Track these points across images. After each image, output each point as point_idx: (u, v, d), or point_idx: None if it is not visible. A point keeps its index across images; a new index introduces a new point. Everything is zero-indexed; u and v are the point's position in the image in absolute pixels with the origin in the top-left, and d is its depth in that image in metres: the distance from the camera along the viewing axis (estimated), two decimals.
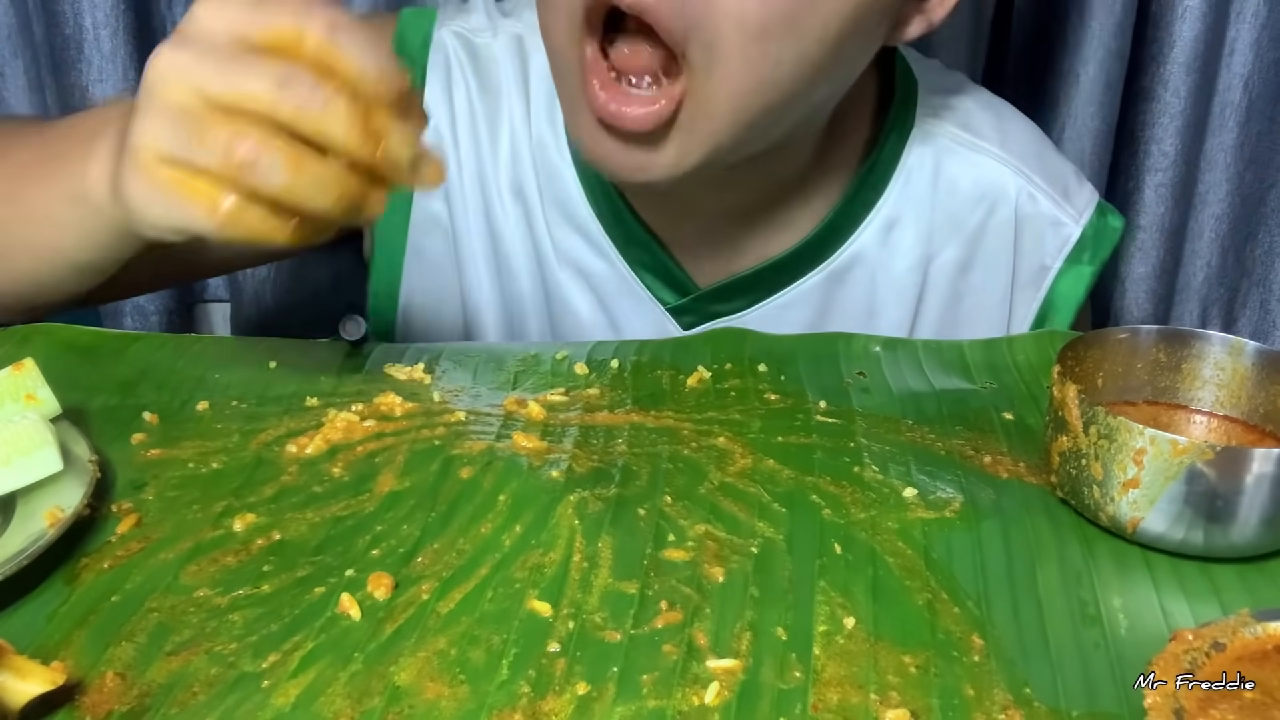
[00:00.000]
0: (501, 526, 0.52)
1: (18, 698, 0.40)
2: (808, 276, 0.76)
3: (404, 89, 0.50)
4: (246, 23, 0.50)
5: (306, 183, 0.49)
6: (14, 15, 1.05)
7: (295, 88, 0.48)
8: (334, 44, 0.49)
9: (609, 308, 0.78)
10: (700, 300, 0.76)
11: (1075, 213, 0.76)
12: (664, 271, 0.76)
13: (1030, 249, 0.76)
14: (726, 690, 0.43)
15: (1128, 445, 0.51)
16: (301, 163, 0.48)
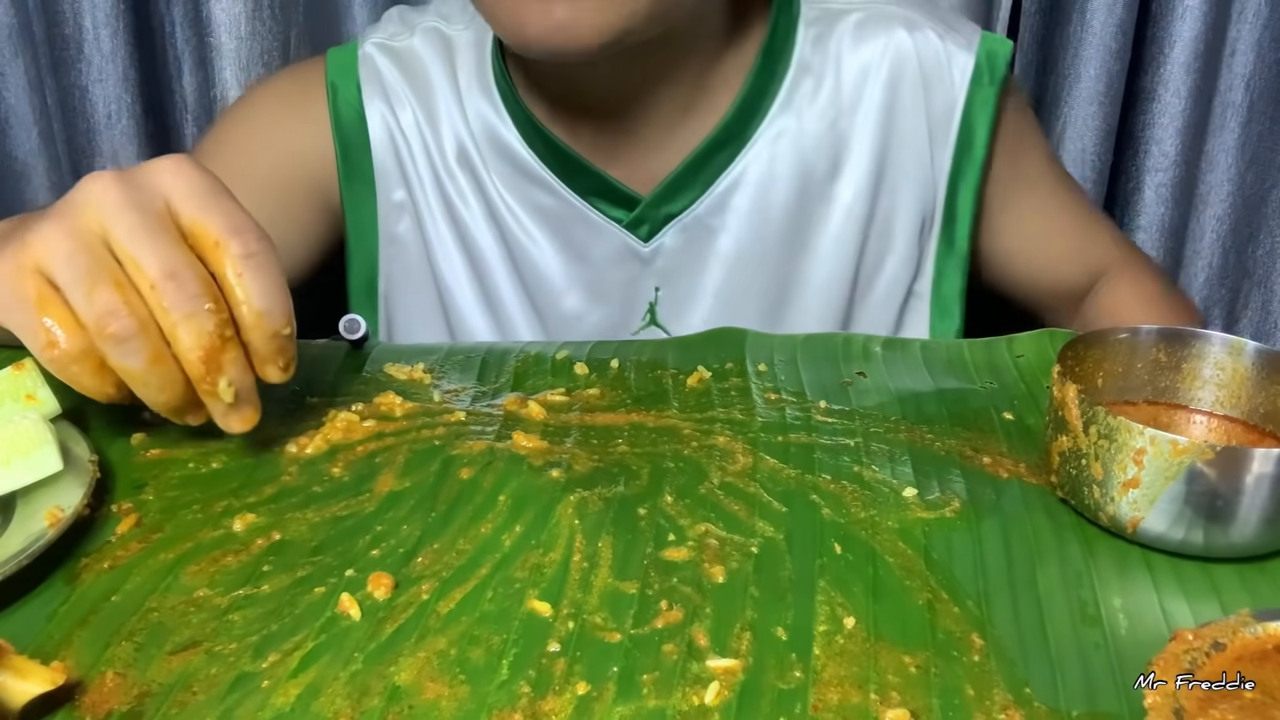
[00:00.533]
0: (501, 526, 0.52)
1: (18, 698, 0.40)
2: (739, 159, 0.80)
3: (278, 336, 0.53)
4: (185, 202, 0.52)
5: (153, 378, 0.52)
6: (14, 15, 1.05)
7: (176, 285, 0.50)
8: (243, 268, 0.52)
9: (569, 241, 0.82)
10: (649, 207, 0.81)
11: (966, 43, 0.82)
12: (609, 191, 0.81)
13: (934, 84, 0.81)
14: (726, 690, 0.43)
15: (1128, 445, 0.50)
16: (159, 359, 0.51)
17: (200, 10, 0.98)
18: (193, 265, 0.51)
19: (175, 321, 0.51)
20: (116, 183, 0.52)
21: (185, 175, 0.53)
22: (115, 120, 1.02)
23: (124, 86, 1.02)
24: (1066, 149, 1.09)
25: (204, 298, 0.51)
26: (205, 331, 0.51)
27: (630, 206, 0.81)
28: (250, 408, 0.55)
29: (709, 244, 0.82)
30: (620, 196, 0.81)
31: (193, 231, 0.52)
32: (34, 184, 1.12)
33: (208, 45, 0.99)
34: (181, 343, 0.51)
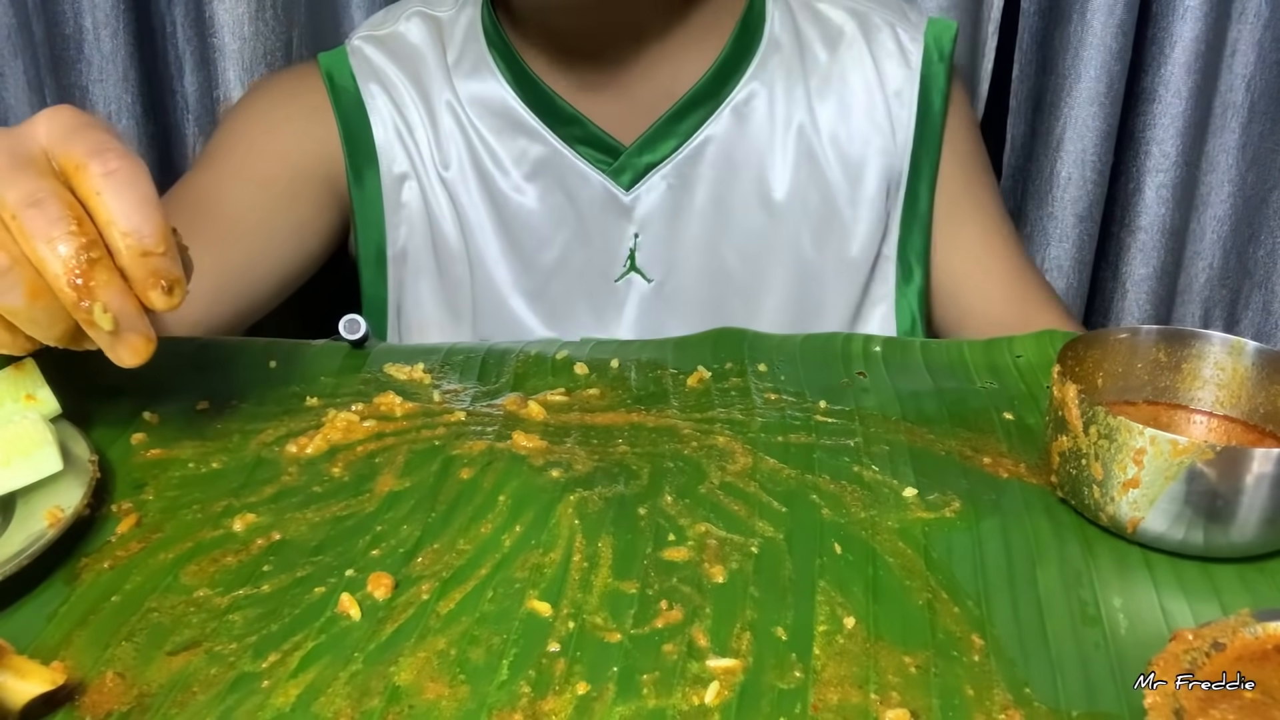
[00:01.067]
0: (501, 526, 0.52)
1: (18, 698, 0.40)
2: (714, 115, 0.87)
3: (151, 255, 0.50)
4: (55, 140, 0.51)
5: (38, 313, 0.50)
6: (13, 15, 1.05)
7: (38, 211, 0.49)
8: (102, 186, 0.50)
9: (556, 186, 0.87)
10: (631, 156, 0.86)
11: (913, 26, 0.89)
12: (594, 140, 0.86)
13: (889, 62, 0.89)
14: (726, 690, 0.43)
15: (1128, 445, 0.50)
16: (39, 293, 0.49)
17: (203, 10, 0.98)
18: (57, 193, 0.49)
19: (38, 248, 0.49)
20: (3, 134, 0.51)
21: (59, 118, 0.52)
22: (115, 120, 1.02)
23: (124, 86, 1.02)
24: (1067, 149, 1.08)
25: (67, 220, 0.49)
26: (68, 254, 0.49)
27: (614, 155, 0.86)
28: (137, 335, 0.51)
29: (686, 194, 0.87)
30: (604, 145, 0.86)
31: (64, 167, 0.51)
32: None
33: (210, 46, 0.99)
34: (49, 268, 0.49)
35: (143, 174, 0.51)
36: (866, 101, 0.88)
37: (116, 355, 0.52)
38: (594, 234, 0.87)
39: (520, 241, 0.87)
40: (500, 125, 0.87)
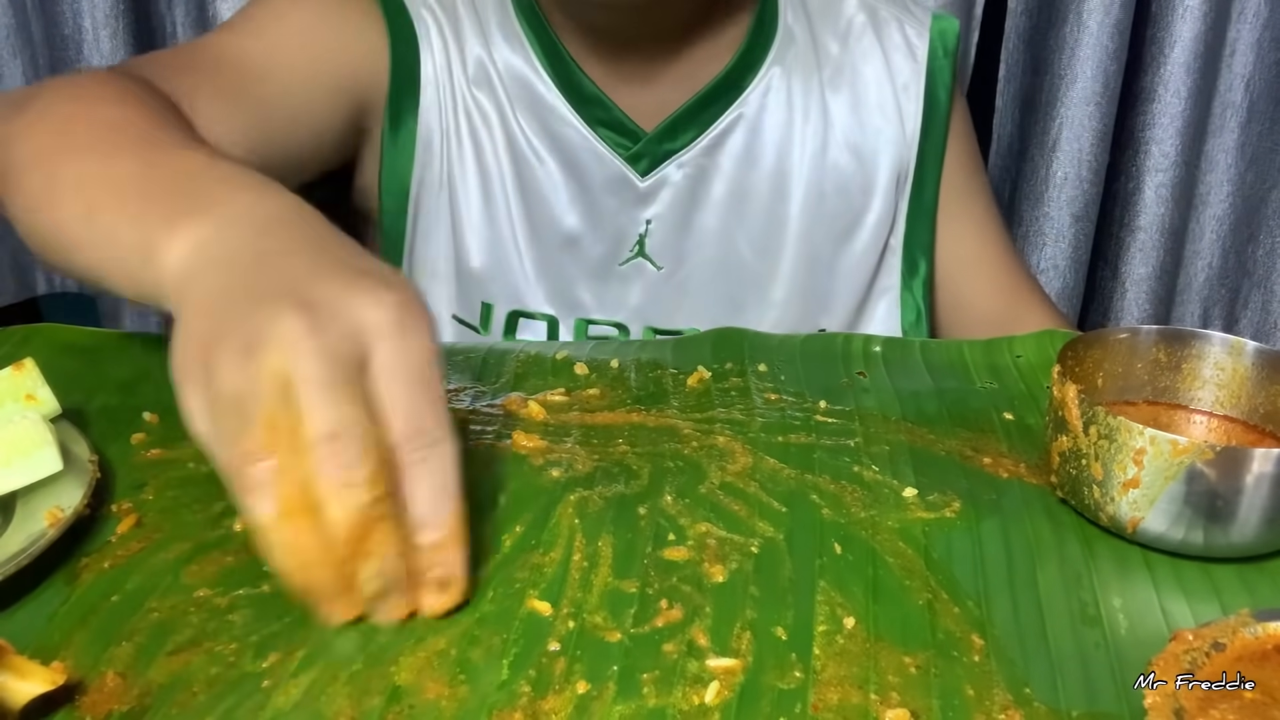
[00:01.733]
0: (501, 527, 0.52)
1: (18, 698, 0.40)
2: (735, 105, 0.88)
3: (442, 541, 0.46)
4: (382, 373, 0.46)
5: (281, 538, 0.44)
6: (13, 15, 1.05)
7: (333, 450, 0.44)
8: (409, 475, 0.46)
9: (574, 167, 0.87)
10: (650, 143, 0.86)
11: (920, 23, 0.92)
12: (616, 124, 0.86)
13: (897, 56, 0.91)
14: (726, 689, 0.43)
15: (1128, 445, 0.51)
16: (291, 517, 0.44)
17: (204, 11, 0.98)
18: (357, 433, 0.44)
19: (325, 488, 0.44)
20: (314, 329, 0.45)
21: (392, 341, 0.46)
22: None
23: None
24: (1063, 149, 1.09)
25: (360, 469, 0.44)
26: (354, 506, 0.44)
27: (633, 140, 0.86)
28: (399, 600, 0.46)
29: (702, 183, 0.87)
30: (625, 130, 0.86)
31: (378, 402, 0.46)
32: None
33: None
34: (328, 510, 0.44)
35: (451, 460, 0.46)
36: (877, 94, 0.90)
37: (373, 611, 0.47)
38: (604, 216, 0.87)
39: (534, 209, 0.87)
40: (524, 95, 0.87)
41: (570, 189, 0.87)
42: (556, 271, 0.87)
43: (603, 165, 0.87)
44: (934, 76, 0.90)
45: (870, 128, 0.90)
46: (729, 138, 0.87)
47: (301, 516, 0.44)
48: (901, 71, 0.90)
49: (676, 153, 0.87)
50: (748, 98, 0.88)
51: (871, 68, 0.90)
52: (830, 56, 0.90)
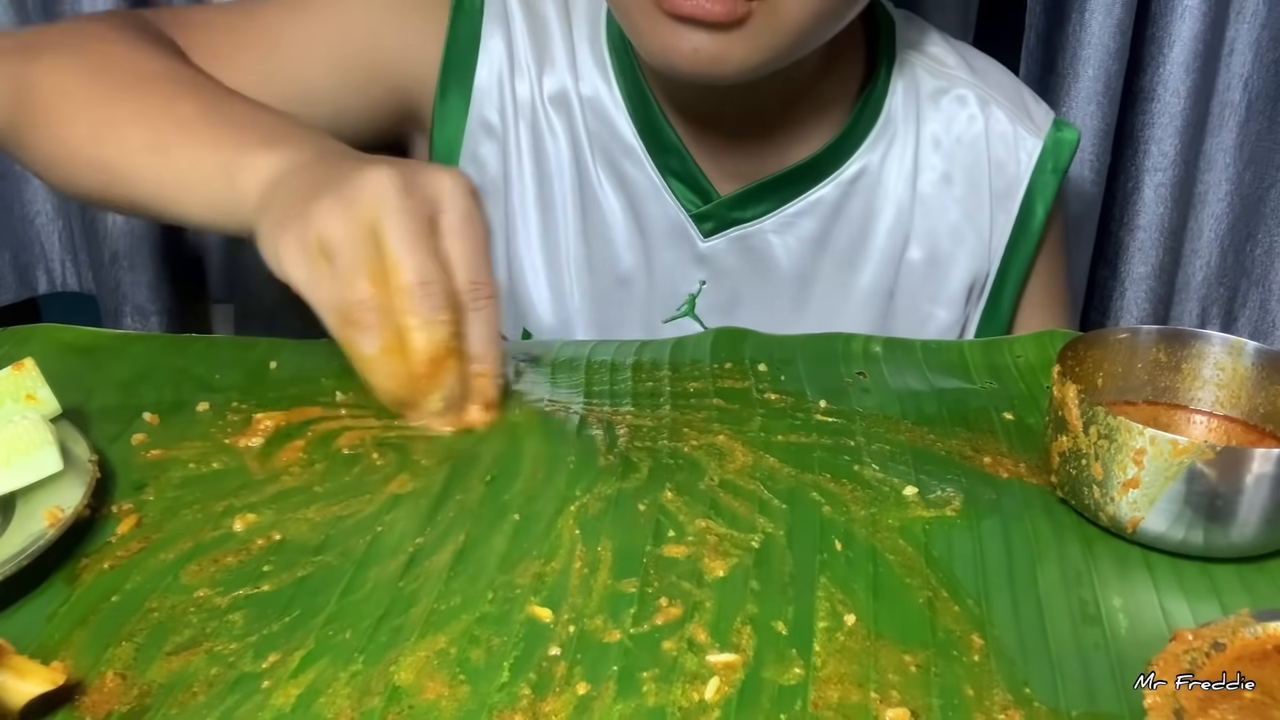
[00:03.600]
0: (503, 534, 0.52)
1: (18, 698, 0.40)
2: (817, 188, 0.84)
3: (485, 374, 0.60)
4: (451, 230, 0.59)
5: (380, 366, 0.58)
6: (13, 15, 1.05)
7: (424, 295, 0.57)
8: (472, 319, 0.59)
9: (637, 211, 0.84)
10: (721, 207, 0.83)
11: (1035, 127, 0.86)
12: (690, 179, 0.83)
13: (1001, 161, 0.86)
14: (727, 685, 0.43)
15: (1128, 445, 0.51)
16: (390, 350, 0.57)
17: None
18: (441, 279, 0.57)
19: (415, 324, 0.57)
20: (401, 189, 0.57)
21: (459, 203, 0.59)
22: None
23: None
24: None
25: (444, 310, 0.57)
26: (437, 339, 0.57)
27: (704, 199, 0.83)
28: (456, 415, 0.60)
29: (765, 258, 0.84)
30: (698, 187, 0.83)
31: (447, 256, 0.58)
32: (34, 184, 1.12)
33: None
34: (415, 341, 0.57)
35: (496, 308, 0.60)
36: (969, 198, 0.85)
37: (432, 424, 0.60)
38: (659, 267, 0.84)
39: (593, 242, 0.84)
40: (601, 126, 0.84)
41: (630, 231, 0.84)
42: (605, 308, 0.85)
43: (667, 215, 0.84)
44: (1034, 192, 0.86)
45: (952, 233, 0.85)
46: (803, 220, 0.84)
47: (394, 351, 0.57)
48: (1001, 178, 0.85)
49: (745, 222, 0.83)
50: (831, 182, 0.84)
51: (969, 169, 0.85)
52: (927, 150, 0.85)
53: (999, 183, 0.86)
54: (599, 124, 0.84)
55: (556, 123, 0.84)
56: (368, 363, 0.58)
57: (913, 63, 0.86)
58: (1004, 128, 0.86)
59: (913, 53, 0.87)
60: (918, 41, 0.87)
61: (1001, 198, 0.86)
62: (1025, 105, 0.87)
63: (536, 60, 0.84)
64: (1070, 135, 0.87)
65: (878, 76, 0.84)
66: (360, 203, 0.57)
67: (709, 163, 0.83)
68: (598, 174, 0.84)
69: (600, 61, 0.83)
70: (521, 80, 0.84)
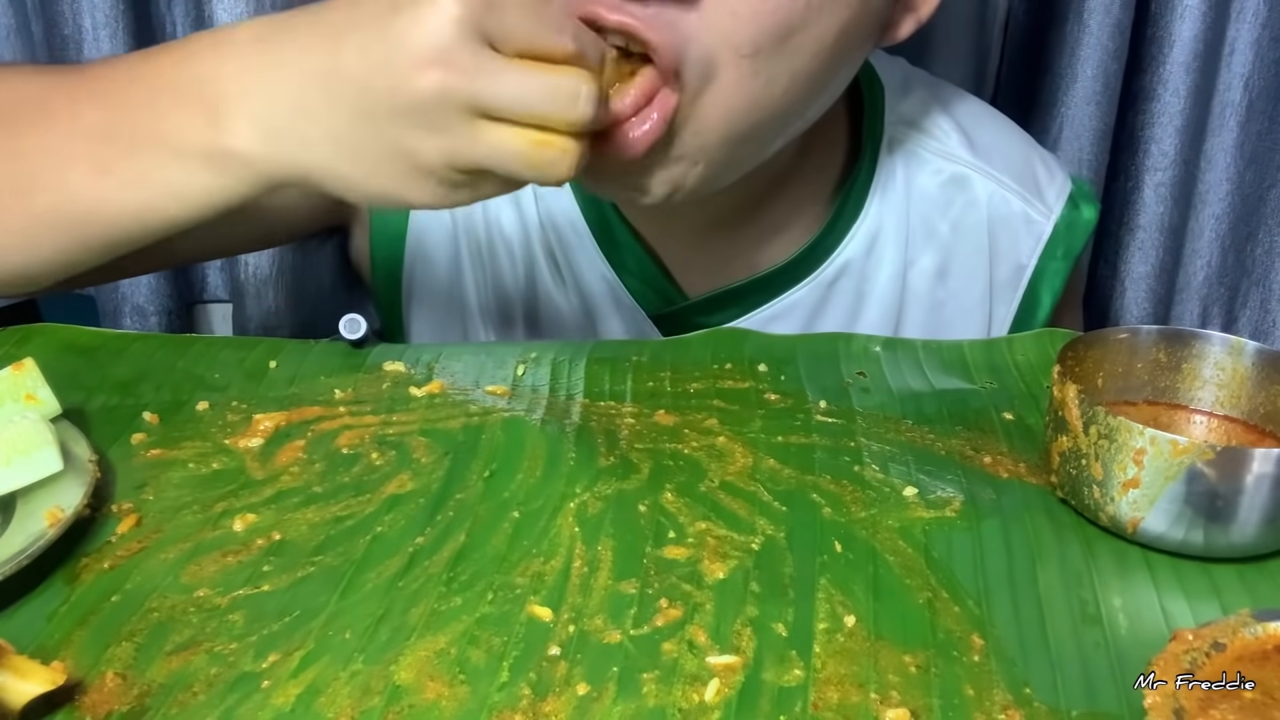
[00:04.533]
0: (502, 532, 0.52)
1: (18, 698, 0.40)
2: (795, 289, 0.77)
3: None
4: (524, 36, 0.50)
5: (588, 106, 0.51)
6: (13, 15, 1.05)
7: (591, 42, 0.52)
8: None
9: (591, 311, 0.78)
10: (686, 311, 0.77)
11: (1046, 209, 0.78)
12: (651, 279, 0.76)
13: (1005, 249, 0.78)
14: (727, 687, 0.43)
15: (1128, 445, 0.51)
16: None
17: (202, 10, 0.98)
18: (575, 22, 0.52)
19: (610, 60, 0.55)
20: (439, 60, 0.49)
21: None
22: None
23: None
24: (1064, 149, 1.09)
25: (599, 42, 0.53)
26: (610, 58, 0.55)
27: (667, 301, 0.77)
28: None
29: None
30: (661, 290, 0.77)
31: None
32: None
33: None
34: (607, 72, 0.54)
35: None
36: (969, 294, 0.78)
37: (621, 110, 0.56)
38: None
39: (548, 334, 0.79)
40: (557, 224, 0.77)
41: (584, 330, 0.78)
42: None
43: (624, 321, 0.77)
44: (1040, 279, 0.77)
45: (946, 331, 0.77)
46: (777, 324, 0.75)
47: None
48: (1004, 268, 0.77)
49: (709, 325, 0.74)
50: (811, 283, 0.76)
51: (968, 261, 0.76)
52: (920, 241, 0.76)
53: (1001, 272, 0.78)
54: (553, 222, 0.77)
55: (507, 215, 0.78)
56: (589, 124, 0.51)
57: (903, 140, 0.78)
58: (1010, 211, 0.77)
59: (904, 128, 0.78)
60: (911, 114, 0.79)
61: (1003, 288, 0.78)
62: (1036, 181, 0.79)
63: None
64: (1088, 214, 0.78)
65: (862, 160, 0.76)
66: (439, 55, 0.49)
67: (673, 263, 0.76)
68: (548, 267, 0.78)
69: None
70: None
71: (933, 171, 0.77)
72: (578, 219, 0.76)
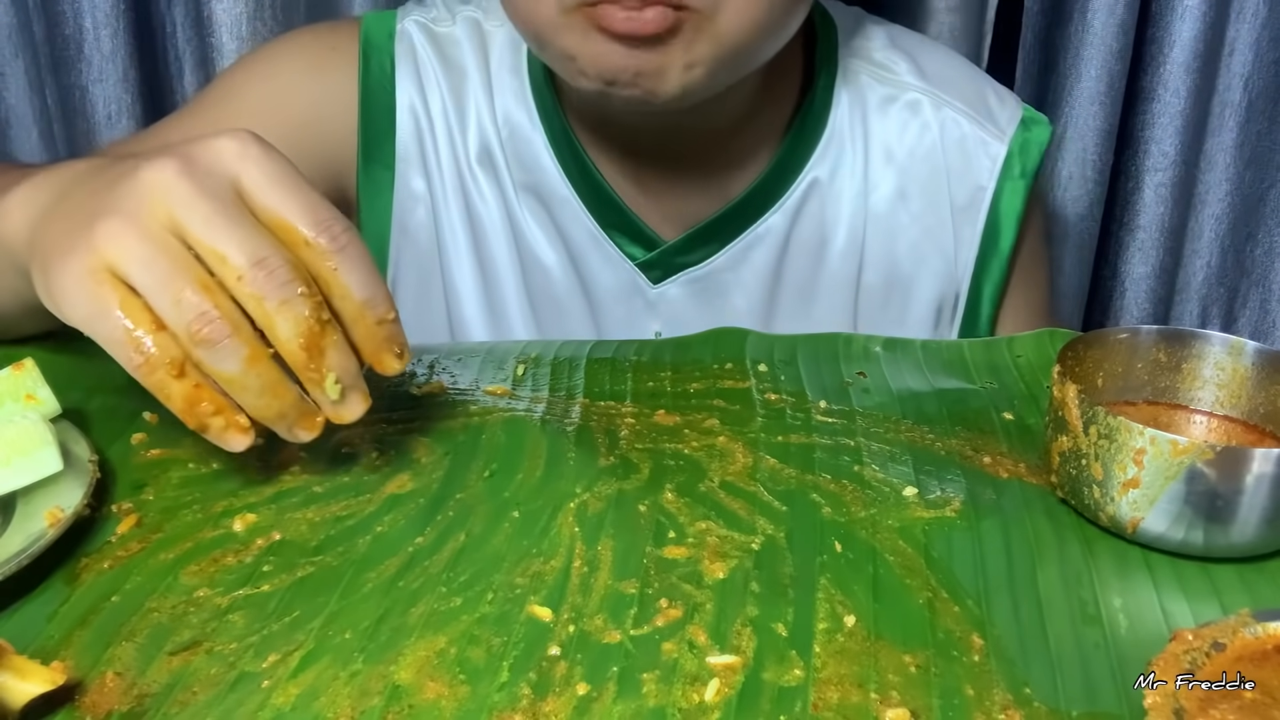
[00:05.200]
0: (503, 532, 0.52)
1: (18, 698, 0.40)
2: (765, 218, 0.80)
3: (385, 323, 0.52)
4: (258, 190, 0.50)
5: (251, 380, 0.49)
6: (14, 15, 1.05)
7: (266, 274, 0.48)
8: (338, 262, 0.50)
9: (579, 266, 0.81)
10: (666, 254, 0.80)
11: (999, 130, 0.80)
12: (631, 229, 0.79)
13: (961, 171, 0.80)
14: (727, 687, 0.43)
15: (1128, 445, 0.50)
16: (256, 359, 0.48)
17: (201, 10, 0.98)
18: (279, 251, 0.48)
19: (270, 310, 0.48)
20: (182, 174, 0.49)
21: (252, 158, 0.50)
22: (115, 120, 1.02)
23: (124, 86, 1.02)
24: (1067, 149, 1.09)
25: (296, 283, 0.48)
26: (302, 317, 0.49)
27: (649, 247, 0.80)
28: (359, 394, 0.52)
29: (719, 297, 0.81)
30: (642, 237, 0.80)
31: (271, 223, 0.50)
32: None
33: (209, 45, 0.99)
34: (280, 331, 0.48)
35: (361, 240, 0.51)
36: (931, 216, 0.80)
37: (339, 415, 0.52)
38: (610, 324, 0.81)
39: (540, 308, 0.82)
40: (534, 181, 0.80)
41: (575, 288, 0.81)
42: None
43: (613, 271, 0.80)
44: (1000, 200, 0.80)
45: (912, 253, 0.80)
46: (754, 253, 0.80)
47: (258, 360, 0.48)
48: (963, 189, 0.79)
49: (694, 265, 0.80)
50: (778, 211, 0.79)
51: (926, 182, 0.79)
52: (878, 165, 0.79)
53: (960, 195, 0.80)
54: (533, 180, 0.80)
55: (484, 184, 0.80)
56: (233, 385, 0.49)
57: (856, 71, 0.81)
58: (963, 133, 0.80)
59: (856, 60, 0.81)
60: (862, 47, 0.82)
61: (964, 210, 0.80)
62: (987, 105, 0.81)
63: (458, 114, 0.80)
64: (1040, 134, 0.80)
65: (816, 88, 0.79)
66: (146, 207, 0.48)
67: (648, 208, 0.79)
68: (534, 234, 0.80)
69: (529, 115, 0.79)
70: (444, 140, 0.80)
71: (885, 98, 0.80)
72: (564, 187, 0.79)
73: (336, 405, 0.51)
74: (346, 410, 0.52)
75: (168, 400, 0.49)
